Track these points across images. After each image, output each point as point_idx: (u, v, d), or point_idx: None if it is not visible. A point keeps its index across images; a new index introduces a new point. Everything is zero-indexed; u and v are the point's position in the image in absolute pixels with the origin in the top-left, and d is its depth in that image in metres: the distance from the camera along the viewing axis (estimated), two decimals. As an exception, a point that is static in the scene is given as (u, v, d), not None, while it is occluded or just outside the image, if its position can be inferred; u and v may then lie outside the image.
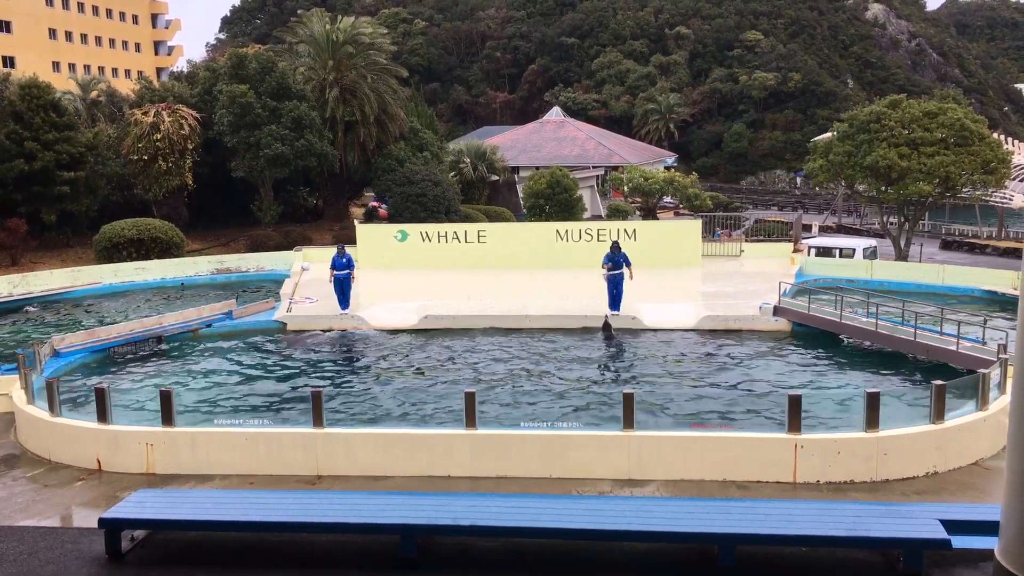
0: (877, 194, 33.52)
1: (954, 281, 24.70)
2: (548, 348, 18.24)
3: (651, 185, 44.43)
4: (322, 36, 39.96)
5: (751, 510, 8.54)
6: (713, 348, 18.06)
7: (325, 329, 20.20)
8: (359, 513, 8.55)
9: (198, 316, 20.10)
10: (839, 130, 34.07)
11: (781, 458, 10.79)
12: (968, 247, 44.11)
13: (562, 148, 67.44)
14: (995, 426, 11.49)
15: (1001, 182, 32.44)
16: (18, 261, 31.64)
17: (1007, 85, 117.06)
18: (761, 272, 26.13)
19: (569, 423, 11.65)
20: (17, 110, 32.63)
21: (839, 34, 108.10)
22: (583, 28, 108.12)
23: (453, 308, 21.34)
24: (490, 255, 28.70)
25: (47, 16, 73.86)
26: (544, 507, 8.73)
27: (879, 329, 17.17)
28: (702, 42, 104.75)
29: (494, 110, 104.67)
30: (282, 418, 12.48)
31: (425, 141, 42.62)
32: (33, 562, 8.47)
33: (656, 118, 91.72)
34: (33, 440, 12.66)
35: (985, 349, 15.16)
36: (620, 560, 8.28)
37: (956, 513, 8.51)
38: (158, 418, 11.78)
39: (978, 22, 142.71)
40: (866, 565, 8.10)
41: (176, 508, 8.96)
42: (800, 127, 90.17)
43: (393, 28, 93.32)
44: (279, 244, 34.09)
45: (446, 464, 11.19)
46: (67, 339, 17.25)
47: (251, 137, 35.15)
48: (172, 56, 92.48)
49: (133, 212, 34.57)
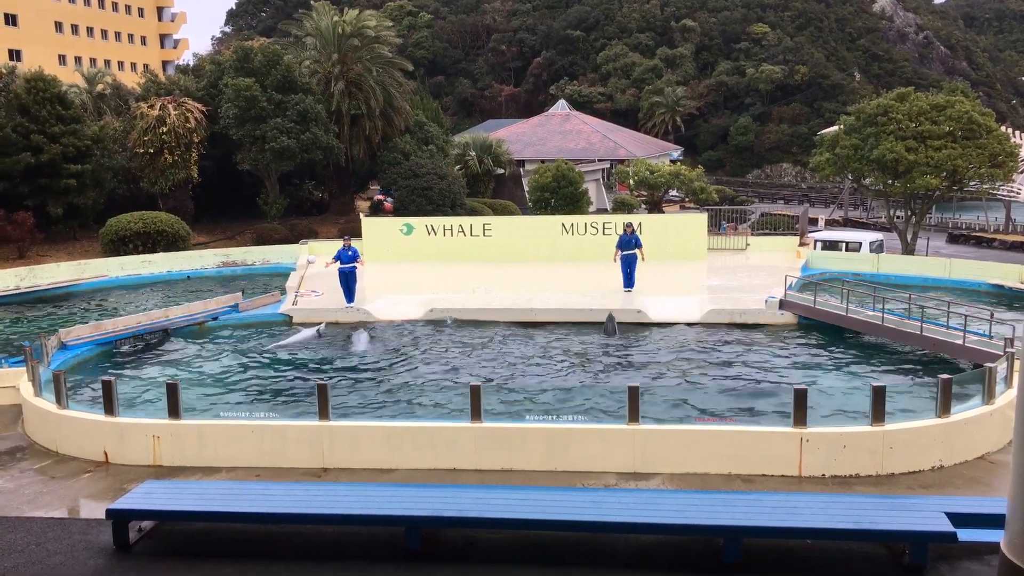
0: (884, 188, 33.41)
1: (961, 275, 24.67)
2: (553, 341, 18.25)
3: (657, 179, 44.38)
4: (327, 29, 39.95)
5: (756, 503, 8.53)
6: (719, 342, 18.04)
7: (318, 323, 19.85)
8: (365, 505, 8.57)
9: (204, 309, 20.17)
10: (846, 123, 33.95)
11: (786, 452, 10.78)
12: (975, 241, 43.96)
13: (567, 141, 67.29)
14: (1001, 420, 11.47)
15: (1009, 175, 32.31)
16: (25, 254, 31.77)
17: (1015, 78, 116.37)
18: (767, 266, 26.10)
19: (574, 416, 11.64)
20: (23, 103, 32.71)
21: (846, 27, 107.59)
22: (589, 21, 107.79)
23: (459, 301, 21.36)
24: (495, 248, 28.71)
25: (53, 9, 73.99)
26: (549, 499, 8.73)
27: (885, 323, 17.15)
28: (708, 35, 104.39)
29: (499, 103, 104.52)
30: (288, 411, 12.50)
31: (430, 134, 42.61)
32: (41, 552, 8.52)
33: (662, 111, 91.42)
34: (40, 432, 12.73)
35: (992, 343, 15.14)
36: (625, 552, 8.30)
37: (962, 506, 8.50)
38: (165, 411, 11.83)
39: (986, 15, 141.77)
40: (872, 558, 8.10)
41: (183, 499, 9.00)
42: (807, 120, 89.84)
43: (398, 21, 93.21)
44: (285, 237, 34.16)
45: (451, 457, 11.21)
46: (73, 332, 17.32)
47: (257, 130, 35.19)
48: (178, 49, 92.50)
49: (139, 205, 34.69)
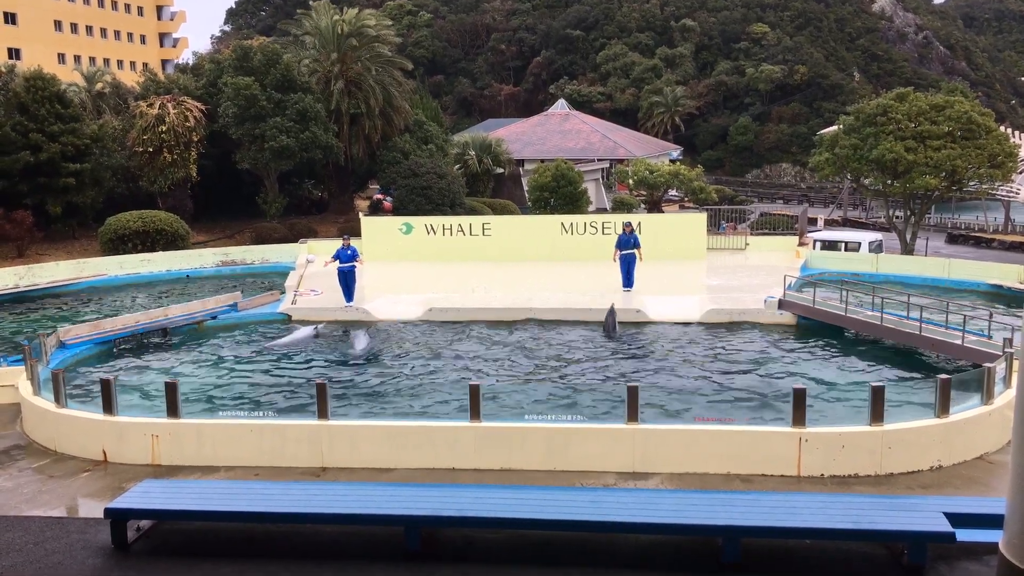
0: (883, 188, 33.42)
1: (960, 275, 24.68)
2: (552, 340, 18.25)
3: (656, 178, 44.38)
4: (327, 28, 39.93)
5: (756, 503, 8.54)
6: (718, 341, 18.04)
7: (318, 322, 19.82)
8: (364, 504, 8.57)
9: (203, 308, 20.15)
10: (845, 123, 33.94)
11: (785, 451, 10.78)
12: (974, 241, 43.97)
13: (567, 141, 67.26)
14: (1000, 420, 11.48)
15: (1008, 176, 32.32)
16: (24, 253, 31.73)
17: (1014, 78, 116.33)
18: (766, 265, 26.11)
19: (574, 416, 11.63)
20: (22, 102, 32.68)
21: (846, 27, 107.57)
22: (588, 20, 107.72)
23: (458, 301, 21.36)
24: (495, 248, 28.69)
25: (52, 8, 73.95)
26: (548, 499, 8.73)
27: (884, 323, 17.15)
28: (708, 35, 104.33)
29: (499, 103, 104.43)
30: (287, 410, 12.49)
31: (430, 134, 42.59)
32: (39, 552, 8.51)
33: (661, 111, 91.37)
34: (39, 431, 12.72)
35: (991, 343, 15.14)
36: (624, 552, 8.29)
37: (960, 506, 8.50)
38: (163, 410, 11.82)
39: (985, 15, 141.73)
40: (871, 558, 8.10)
41: (182, 499, 9.00)
42: (806, 120, 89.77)
43: (398, 20, 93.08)
44: (284, 236, 34.13)
45: (450, 456, 11.21)
46: (72, 330, 17.30)
47: (256, 129, 35.16)
48: (177, 48, 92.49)
49: (138, 204, 34.65)
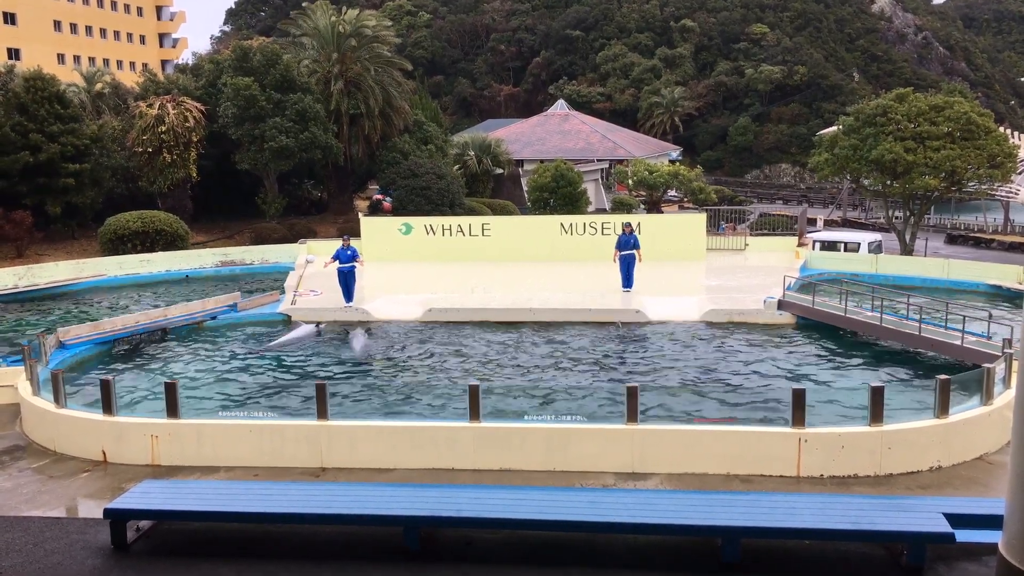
0: (883, 188, 33.43)
1: (959, 276, 24.69)
2: (552, 341, 18.25)
3: (656, 179, 44.42)
4: (326, 29, 39.93)
5: (755, 503, 8.53)
6: (717, 342, 18.04)
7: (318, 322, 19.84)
8: (363, 505, 8.56)
9: (203, 309, 20.15)
10: (845, 124, 33.96)
11: (785, 452, 10.78)
12: (973, 241, 43.97)
13: (566, 141, 67.29)
14: (999, 421, 11.47)
15: (1007, 176, 32.33)
16: (23, 253, 31.73)
17: (1014, 79, 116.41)
18: (765, 266, 26.11)
19: (573, 416, 11.63)
20: (22, 102, 32.67)
21: (845, 27, 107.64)
22: (588, 21, 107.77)
23: (457, 301, 21.36)
24: (494, 248, 28.70)
25: (52, 8, 73.96)
26: (547, 499, 8.73)
27: (884, 323, 17.15)
28: (707, 35, 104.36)
29: (498, 103, 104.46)
30: (286, 410, 12.49)
31: (429, 134, 42.61)
32: (39, 552, 8.50)
33: (661, 111, 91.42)
34: (38, 431, 12.71)
35: (990, 344, 15.14)
36: (623, 553, 8.29)
37: (960, 507, 8.49)
38: (163, 410, 11.82)
39: (985, 15, 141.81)
40: (870, 558, 8.10)
41: (181, 499, 8.99)
42: (806, 121, 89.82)
43: (397, 21, 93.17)
44: (283, 237, 34.14)
45: (450, 457, 11.21)
46: (72, 331, 17.29)
47: (255, 130, 35.17)
48: (177, 48, 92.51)
49: (138, 204, 34.65)
